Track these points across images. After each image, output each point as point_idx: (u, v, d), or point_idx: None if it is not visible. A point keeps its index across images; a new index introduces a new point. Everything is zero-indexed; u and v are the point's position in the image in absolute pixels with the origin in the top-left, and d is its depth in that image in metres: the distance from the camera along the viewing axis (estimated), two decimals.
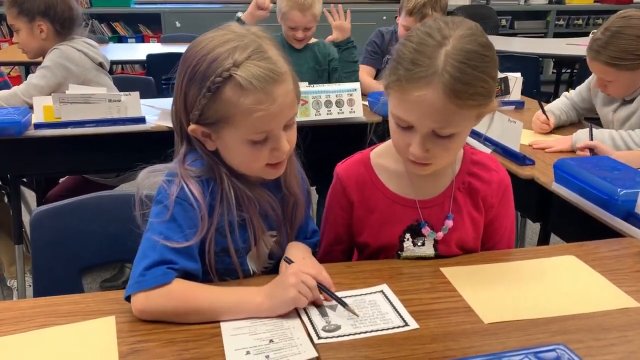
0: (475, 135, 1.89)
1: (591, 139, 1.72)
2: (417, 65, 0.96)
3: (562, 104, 2.13)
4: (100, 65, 2.37)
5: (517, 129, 1.69)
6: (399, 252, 1.15)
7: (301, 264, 1.01)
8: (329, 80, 2.55)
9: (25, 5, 2.21)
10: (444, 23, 0.99)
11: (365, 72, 2.72)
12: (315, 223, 1.24)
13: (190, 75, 0.97)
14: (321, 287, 0.96)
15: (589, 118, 2.18)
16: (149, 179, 1.02)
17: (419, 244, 1.14)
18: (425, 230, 1.13)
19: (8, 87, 2.41)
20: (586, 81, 2.09)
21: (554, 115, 2.06)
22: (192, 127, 1.00)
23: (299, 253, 1.09)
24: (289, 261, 1.03)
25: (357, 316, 0.93)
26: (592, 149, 1.70)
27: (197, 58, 0.96)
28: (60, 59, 2.21)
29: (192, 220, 0.99)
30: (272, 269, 1.13)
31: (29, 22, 2.23)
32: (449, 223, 1.13)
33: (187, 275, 0.97)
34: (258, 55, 0.95)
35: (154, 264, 0.94)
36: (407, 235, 1.14)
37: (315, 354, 0.83)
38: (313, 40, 2.65)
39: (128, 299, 0.94)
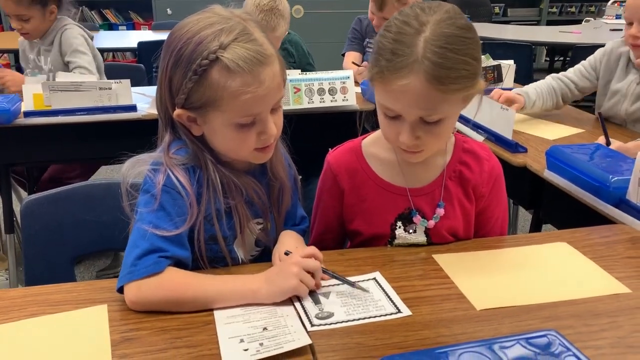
0: (466, 121, 1.89)
1: (606, 137, 1.60)
2: (397, 55, 0.95)
3: (544, 87, 2.03)
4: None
5: (510, 116, 1.70)
6: (391, 240, 1.15)
7: (303, 253, 0.99)
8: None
9: None
10: (421, 10, 0.99)
11: (351, 57, 2.73)
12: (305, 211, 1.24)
13: (175, 58, 0.96)
14: (326, 271, 0.97)
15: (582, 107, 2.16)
16: (135, 169, 1.02)
17: (411, 231, 1.14)
18: (417, 219, 1.13)
19: None
20: (588, 61, 2.02)
21: (528, 98, 1.98)
22: (177, 111, 0.99)
23: (291, 241, 1.09)
24: (287, 252, 1.02)
25: (368, 292, 0.95)
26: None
27: (182, 41, 0.95)
28: (76, 36, 2.34)
29: (180, 208, 0.98)
30: (259, 257, 1.13)
31: (42, 8, 2.30)
32: (440, 211, 1.13)
33: (178, 263, 0.97)
34: (244, 37, 0.95)
35: (145, 253, 0.93)
36: (399, 223, 1.14)
37: (309, 341, 0.83)
38: None
39: (120, 290, 0.93)
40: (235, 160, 1.06)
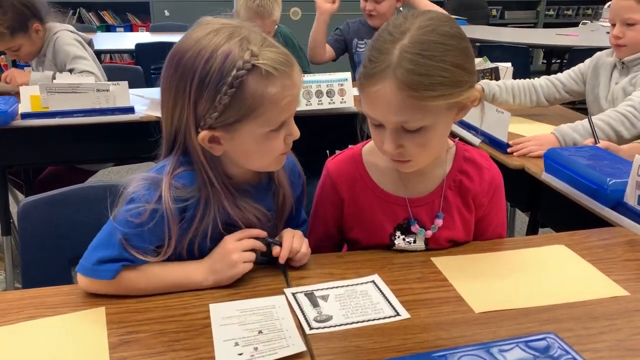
0: (465, 126, 1.90)
1: (594, 136, 1.61)
2: (372, 62, 0.96)
3: (519, 83, 2.08)
4: (89, 43, 2.44)
5: (505, 119, 1.69)
6: (389, 248, 1.14)
7: (237, 236, 1.00)
8: None
9: (15, 23, 2.19)
10: (404, 18, 0.99)
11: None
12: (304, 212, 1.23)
13: (199, 79, 0.91)
14: (264, 240, 1.01)
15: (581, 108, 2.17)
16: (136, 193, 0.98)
17: (410, 241, 1.13)
18: (415, 227, 1.12)
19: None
20: (578, 66, 2.07)
21: (488, 88, 2.03)
22: (202, 134, 0.94)
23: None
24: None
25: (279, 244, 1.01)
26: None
27: (203, 59, 0.90)
28: (71, 42, 2.27)
29: (157, 236, 0.97)
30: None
31: (26, 33, 2.25)
32: (439, 222, 1.12)
33: None
34: (267, 42, 0.94)
35: (111, 260, 0.94)
36: (398, 233, 1.13)
37: (303, 348, 0.82)
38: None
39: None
40: (246, 174, 1.04)
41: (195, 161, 0.98)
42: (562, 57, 4.86)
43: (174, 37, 1.01)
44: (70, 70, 2.27)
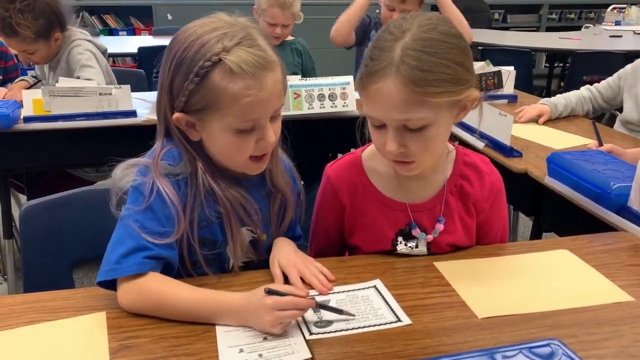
0: (468, 130, 1.89)
1: (598, 139, 1.65)
2: (373, 60, 0.97)
3: (574, 97, 2.16)
4: (104, 54, 2.47)
5: (508, 122, 1.69)
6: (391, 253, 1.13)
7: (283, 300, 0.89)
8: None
9: (42, 29, 2.20)
10: (404, 19, 0.99)
11: None
12: (303, 221, 1.21)
13: (177, 61, 0.96)
14: (322, 305, 0.92)
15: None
16: (127, 177, 1.00)
17: (412, 246, 1.12)
18: (416, 231, 1.11)
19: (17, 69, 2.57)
20: (617, 72, 2.13)
21: (555, 109, 2.11)
22: (176, 115, 0.98)
23: (290, 247, 1.08)
24: (268, 290, 0.89)
25: (354, 316, 0.91)
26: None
27: (184, 44, 0.95)
28: (82, 52, 2.29)
29: (168, 214, 0.97)
30: (252, 261, 1.12)
31: (47, 40, 2.25)
32: (440, 227, 1.11)
33: (164, 264, 0.97)
34: (248, 42, 0.95)
35: (131, 252, 0.94)
36: (400, 239, 1.12)
37: (309, 355, 0.82)
38: (290, 37, 2.70)
39: (100, 283, 0.94)
40: (230, 168, 1.04)
41: (177, 142, 1.02)
42: (565, 61, 4.85)
43: None
44: (77, 78, 2.27)
